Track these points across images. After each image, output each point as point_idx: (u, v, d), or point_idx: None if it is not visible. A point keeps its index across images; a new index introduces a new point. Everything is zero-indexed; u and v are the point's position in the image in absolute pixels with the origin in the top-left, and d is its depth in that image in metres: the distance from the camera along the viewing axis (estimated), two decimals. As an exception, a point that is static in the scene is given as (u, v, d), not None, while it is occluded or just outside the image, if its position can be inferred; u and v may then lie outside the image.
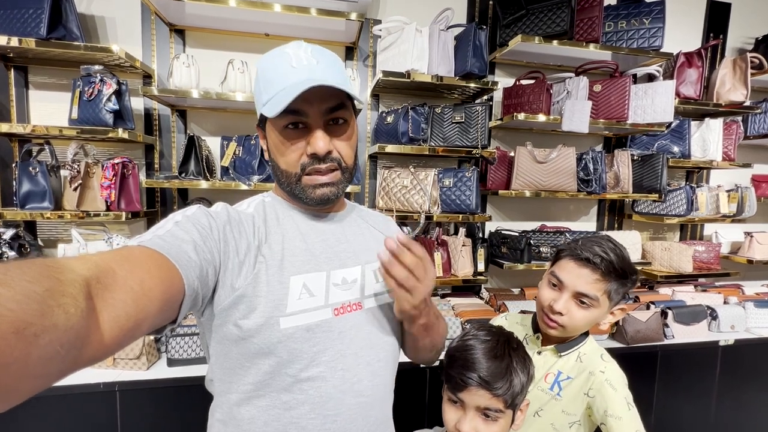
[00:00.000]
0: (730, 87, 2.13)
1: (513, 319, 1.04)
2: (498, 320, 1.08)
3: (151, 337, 1.47)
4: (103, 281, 0.38)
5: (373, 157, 2.02)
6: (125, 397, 1.37)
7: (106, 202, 1.53)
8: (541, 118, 1.85)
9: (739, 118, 2.28)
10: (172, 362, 1.46)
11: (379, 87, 1.90)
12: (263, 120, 0.67)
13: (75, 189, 1.50)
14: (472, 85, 1.79)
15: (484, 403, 0.65)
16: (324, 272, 0.66)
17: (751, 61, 2.13)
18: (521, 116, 1.83)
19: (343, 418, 0.63)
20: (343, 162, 0.66)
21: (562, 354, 0.87)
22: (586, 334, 0.88)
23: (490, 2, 2.06)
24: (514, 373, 0.65)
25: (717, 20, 2.40)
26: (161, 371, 1.44)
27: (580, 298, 0.81)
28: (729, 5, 2.41)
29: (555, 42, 1.81)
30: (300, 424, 0.61)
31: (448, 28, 1.78)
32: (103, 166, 1.55)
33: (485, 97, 2.02)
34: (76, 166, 1.51)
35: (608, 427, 0.78)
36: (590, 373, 0.83)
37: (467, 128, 1.81)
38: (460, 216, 1.84)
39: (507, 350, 0.68)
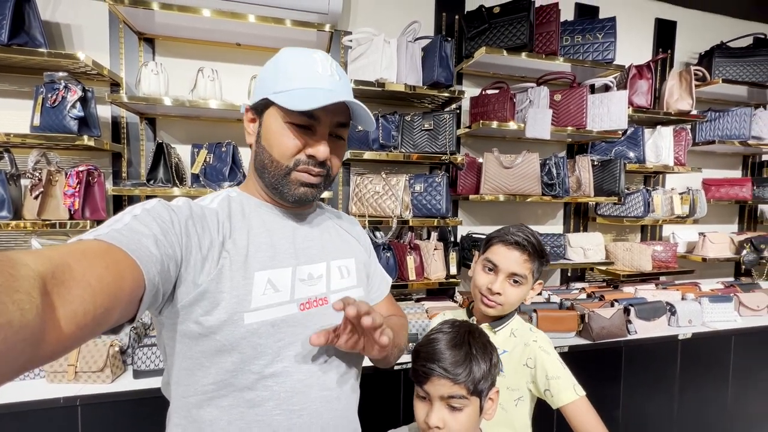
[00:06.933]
0: (677, 97, 2.29)
1: (449, 315, 1.12)
2: (437, 319, 1.14)
3: (116, 348, 1.42)
4: (58, 276, 0.37)
5: (346, 164, 2.05)
6: (87, 412, 1.32)
7: (70, 210, 1.50)
8: (506, 125, 1.94)
9: (688, 126, 2.45)
10: (138, 374, 1.42)
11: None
12: (262, 105, 0.67)
13: (36, 197, 1.46)
14: (442, 94, 1.87)
15: (447, 392, 0.67)
16: (290, 268, 0.66)
17: (695, 74, 2.31)
18: (488, 123, 1.91)
19: (308, 413, 0.63)
20: (331, 171, 0.71)
21: (496, 330, 0.96)
22: (513, 311, 0.98)
23: (456, 17, 2.16)
24: (474, 360, 0.68)
25: (664, 36, 2.59)
26: (127, 384, 1.39)
27: (513, 277, 0.91)
28: (675, 23, 2.62)
29: (523, 54, 1.91)
30: (265, 422, 0.61)
31: (415, 40, 1.86)
32: (66, 174, 1.51)
33: (453, 106, 2.10)
34: (37, 174, 1.47)
35: (551, 390, 0.86)
36: (525, 345, 0.92)
37: (436, 135, 1.88)
38: (435, 221, 1.89)
39: (467, 339, 0.70)
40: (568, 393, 0.85)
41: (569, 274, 2.52)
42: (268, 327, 0.61)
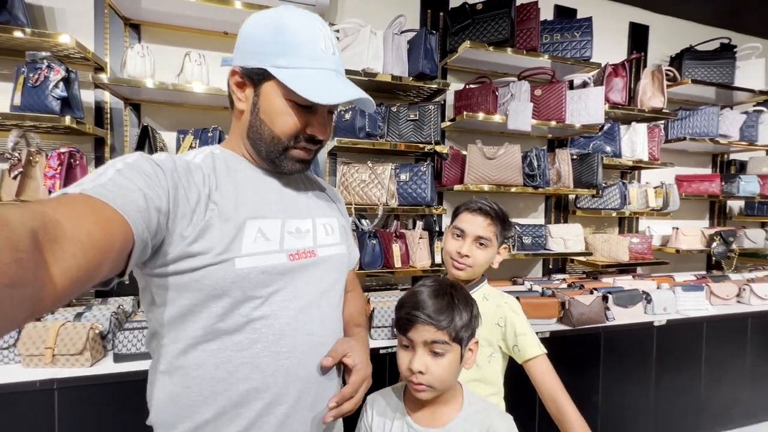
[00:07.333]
0: (650, 95, 2.41)
1: None
2: None
3: (97, 331, 1.39)
4: (50, 232, 0.37)
5: (332, 154, 2.07)
6: (65, 396, 1.28)
7: (50, 191, 1.47)
8: (489, 117, 2.00)
9: (661, 123, 2.57)
10: (119, 357, 1.39)
11: (338, 87, 1.98)
12: (260, 74, 0.65)
13: (15, 177, 1.43)
14: (428, 85, 1.91)
15: (430, 337, 0.69)
16: (279, 220, 0.68)
17: (666, 74, 2.43)
18: (472, 115, 1.97)
19: (296, 355, 0.64)
20: (323, 144, 0.73)
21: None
22: (483, 277, 1.06)
23: (441, 14, 2.22)
24: (456, 309, 0.71)
25: (638, 39, 2.73)
26: (107, 368, 1.36)
27: (479, 240, 0.99)
28: (647, 27, 2.76)
29: (509, 50, 1.98)
30: (253, 363, 0.62)
31: (401, 33, 1.91)
32: (47, 156, 1.49)
33: (438, 98, 2.15)
34: (16, 154, 1.44)
35: (519, 345, 0.94)
36: (497, 306, 0.99)
37: (421, 125, 1.92)
38: (421, 209, 1.93)
39: (449, 290, 0.73)
40: (533, 348, 0.93)
41: (550, 266, 2.58)
42: (259, 273, 0.62)
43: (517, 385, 0.98)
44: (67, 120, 1.47)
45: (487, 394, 0.93)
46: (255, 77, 0.65)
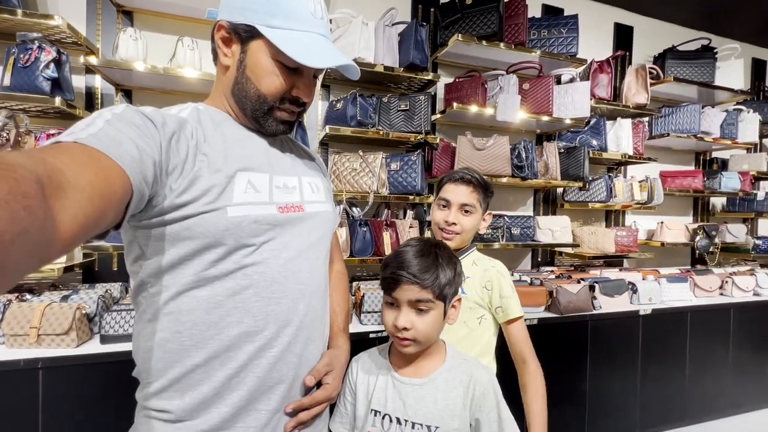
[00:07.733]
0: (635, 91, 2.48)
1: None
2: None
3: (83, 312, 1.38)
4: (54, 180, 0.37)
5: (324, 144, 2.09)
6: (49, 376, 1.27)
7: (38, 173, 1.46)
8: (478, 109, 2.04)
9: (645, 120, 2.64)
10: (105, 339, 1.38)
11: (330, 78, 2.01)
12: (248, 32, 0.65)
13: (2, 158, 1.42)
14: (419, 77, 1.95)
15: (415, 296, 0.71)
16: (267, 174, 0.69)
17: (650, 71, 2.51)
18: (462, 106, 2.01)
19: (286, 302, 0.65)
20: (306, 107, 0.75)
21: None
22: (472, 244, 1.10)
23: (432, 10, 2.27)
24: (440, 267, 0.72)
25: (623, 39, 2.81)
26: (94, 348, 1.35)
27: (464, 208, 1.02)
28: (632, 28, 2.84)
29: (502, 45, 2.03)
30: (244, 308, 0.62)
31: (393, 25, 1.95)
32: (36, 137, 1.48)
33: (429, 90, 2.19)
34: (4, 134, 1.43)
35: (503, 306, 0.99)
36: (485, 270, 1.03)
37: (412, 116, 1.95)
38: (411, 197, 1.96)
39: (433, 249, 0.75)
40: (515, 310, 1.00)
41: (539, 259, 2.62)
42: (251, 222, 0.63)
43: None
44: (57, 101, 1.47)
45: (477, 355, 0.95)
46: (243, 34, 0.65)
